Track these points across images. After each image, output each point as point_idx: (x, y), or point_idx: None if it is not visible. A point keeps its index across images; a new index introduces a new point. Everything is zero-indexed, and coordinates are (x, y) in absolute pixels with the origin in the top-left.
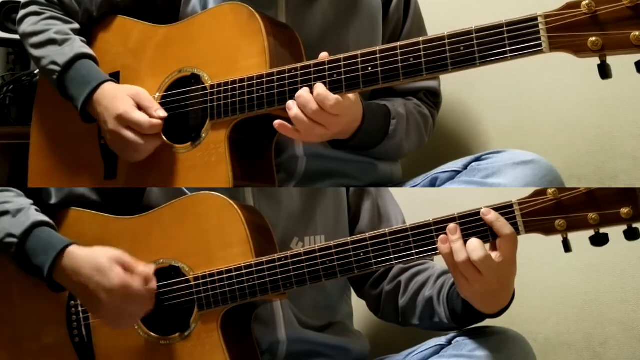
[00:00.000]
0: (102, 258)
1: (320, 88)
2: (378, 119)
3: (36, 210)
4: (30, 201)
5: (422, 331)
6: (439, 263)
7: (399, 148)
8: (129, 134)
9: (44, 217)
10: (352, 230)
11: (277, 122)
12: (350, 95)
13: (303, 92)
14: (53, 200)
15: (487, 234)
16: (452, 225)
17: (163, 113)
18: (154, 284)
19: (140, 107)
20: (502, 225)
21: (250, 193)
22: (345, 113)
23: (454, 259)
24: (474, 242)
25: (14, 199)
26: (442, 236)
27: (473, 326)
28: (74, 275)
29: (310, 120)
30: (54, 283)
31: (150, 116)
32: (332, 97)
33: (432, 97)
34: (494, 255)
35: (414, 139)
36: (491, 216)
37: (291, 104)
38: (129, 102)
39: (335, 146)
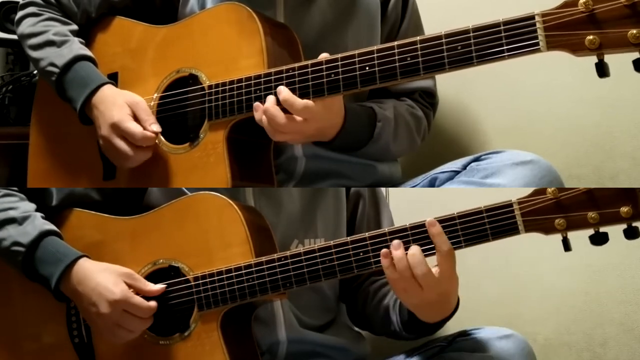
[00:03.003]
0: (110, 272)
1: (285, 92)
2: (361, 121)
3: (42, 217)
4: (34, 206)
5: None
6: None
7: (386, 150)
8: (120, 143)
9: (51, 226)
10: (348, 232)
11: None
12: (327, 100)
13: (269, 105)
14: (54, 202)
15: (487, 233)
16: (395, 242)
17: (157, 128)
18: (154, 302)
19: (136, 118)
20: (442, 242)
21: (250, 194)
22: (314, 117)
23: (397, 273)
24: (417, 256)
25: (18, 204)
26: (384, 250)
27: (472, 327)
28: (79, 285)
29: (277, 131)
30: (60, 293)
31: (145, 129)
32: (300, 103)
33: (428, 98)
34: (434, 270)
35: (403, 141)
36: (435, 229)
37: (257, 106)
38: (126, 110)
39: (319, 146)
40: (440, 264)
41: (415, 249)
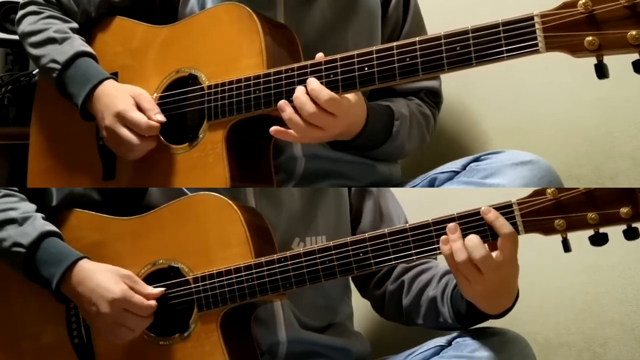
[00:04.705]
0: (110, 272)
1: (313, 83)
2: (381, 120)
3: (42, 218)
4: (35, 207)
5: (422, 332)
6: (441, 262)
7: (402, 149)
8: (125, 132)
9: (51, 227)
10: (354, 230)
11: (273, 128)
12: (350, 96)
13: (299, 94)
14: (54, 202)
15: (487, 233)
16: (451, 225)
17: (162, 117)
18: (154, 302)
19: (140, 108)
20: (502, 225)
21: (251, 194)
22: (343, 114)
23: (455, 260)
24: (474, 240)
25: (18, 204)
26: (443, 237)
27: (473, 327)
28: (79, 286)
29: (306, 122)
30: (60, 294)
31: (149, 118)
32: (326, 93)
33: (433, 97)
34: (495, 254)
35: (416, 139)
36: (491, 215)
37: (283, 105)
38: (130, 101)
39: (337, 147)
40: (502, 248)
41: (472, 236)
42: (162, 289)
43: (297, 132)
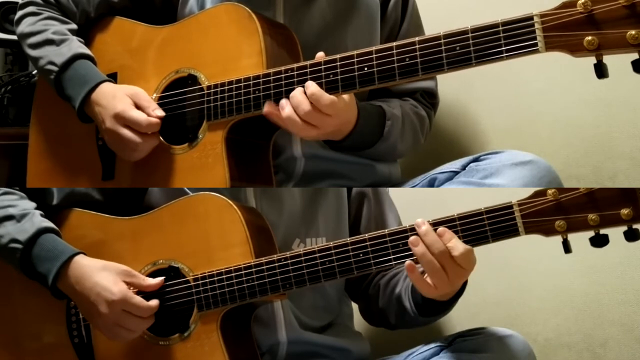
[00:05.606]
0: (109, 270)
1: (313, 87)
2: (372, 120)
3: (41, 215)
4: (34, 204)
5: (422, 332)
6: None
7: (394, 149)
8: (126, 133)
9: (49, 224)
10: (352, 233)
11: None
12: (345, 96)
13: (296, 93)
14: (55, 201)
15: (487, 234)
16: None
17: (161, 112)
18: (155, 301)
19: (138, 107)
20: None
21: (252, 194)
22: (338, 114)
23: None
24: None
25: (18, 202)
26: (412, 238)
27: (472, 327)
28: (77, 284)
29: (303, 121)
30: (57, 291)
31: (148, 115)
32: (327, 97)
33: (429, 98)
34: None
35: (409, 140)
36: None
37: (284, 103)
38: (127, 101)
39: (329, 146)
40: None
41: (442, 231)
42: (161, 278)
43: (292, 130)
